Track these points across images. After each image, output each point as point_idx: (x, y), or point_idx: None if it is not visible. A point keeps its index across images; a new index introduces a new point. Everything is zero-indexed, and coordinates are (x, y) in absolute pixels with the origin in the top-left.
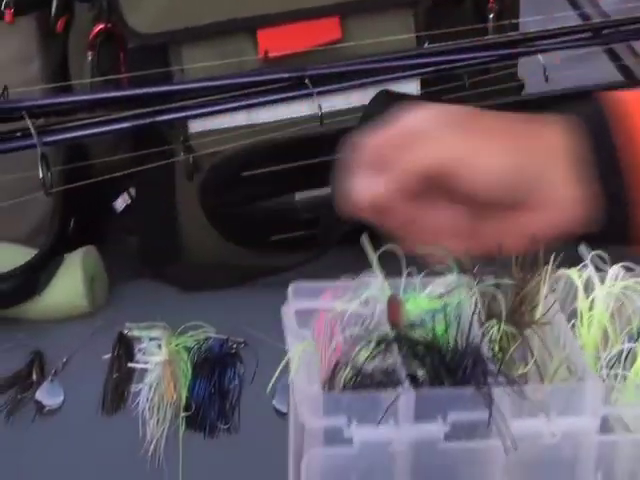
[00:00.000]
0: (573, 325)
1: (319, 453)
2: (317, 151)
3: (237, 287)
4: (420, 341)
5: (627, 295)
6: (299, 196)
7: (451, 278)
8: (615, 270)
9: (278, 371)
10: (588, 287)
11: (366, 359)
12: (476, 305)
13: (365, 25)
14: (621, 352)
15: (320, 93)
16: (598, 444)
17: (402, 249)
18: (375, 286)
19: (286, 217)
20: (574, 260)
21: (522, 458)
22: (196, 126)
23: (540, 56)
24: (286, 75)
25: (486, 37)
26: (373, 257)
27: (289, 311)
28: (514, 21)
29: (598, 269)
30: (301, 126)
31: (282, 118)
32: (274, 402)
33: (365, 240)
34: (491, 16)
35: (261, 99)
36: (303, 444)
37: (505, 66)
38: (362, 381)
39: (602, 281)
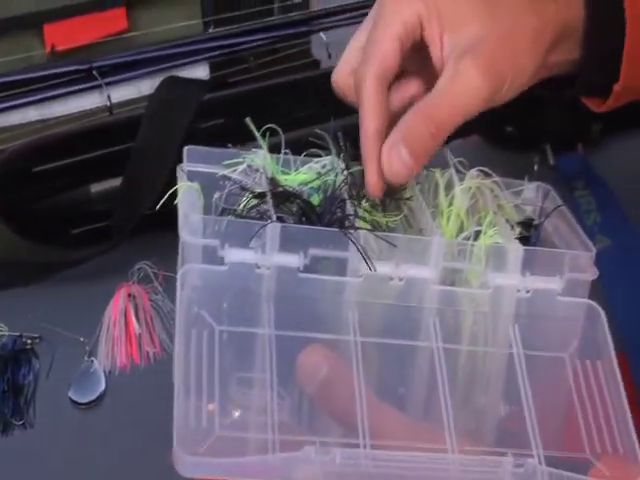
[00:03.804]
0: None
1: (194, 267)
2: (109, 141)
3: (34, 284)
4: (293, 193)
5: (482, 191)
6: (95, 188)
7: (328, 159)
8: (473, 173)
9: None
10: (449, 187)
11: (244, 205)
12: (348, 177)
13: (152, 14)
14: (470, 235)
15: (109, 84)
16: (437, 293)
17: None
18: (260, 156)
19: (81, 210)
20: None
21: (371, 298)
22: None
23: (322, 34)
24: (72, 68)
25: (269, 18)
26: (257, 134)
27: (182, 169)
28: (297, 1)
29: (459, 171)
30: (94, 117)
31: (74, 111)
32: (70, 394)
33: (249, 121)
34: None
35: (50, 93)
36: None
37: (296, 45)
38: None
39: (461, 181)
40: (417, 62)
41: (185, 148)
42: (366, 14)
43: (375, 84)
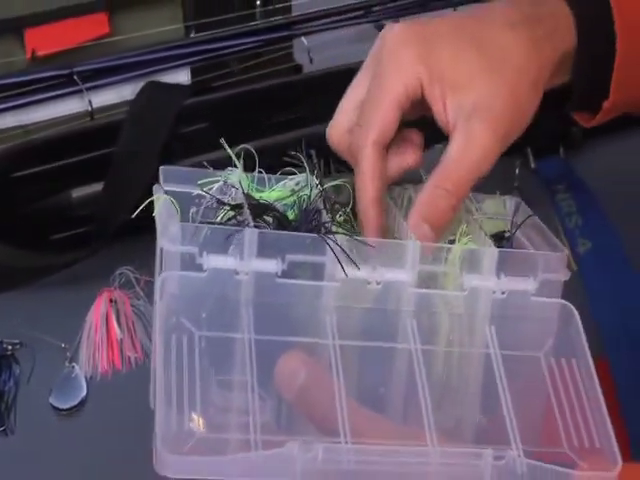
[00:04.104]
0: None
1: (173, 274)
2: (90, 146)
3: (15, 289)
4: (269, 205)
5: None
6: (76, 193)
7: (302, 177)
8: None
9: None
10: None
11: (222, 217)
12: (322, 192)
13: (133, 18)
14: (442, 248)
15: (90, 88)
16: (414, 295)
17: None
18: (235, 175)
19: (62, 215)
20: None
21: (349, 302)
22: None
23: (304, 39)
24: (53, 73)
25: (251, 23)
26: (232, 153)
27: (159, 189)
28: (280, 5)
29: None
30: (75, 122)
31: (55, 116)
32: (51, 399)
33: (223, 141)
34: (258, 2)
35: (31, 98)
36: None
37: (278, 49)
38: None
39: None
40: (414, 112)
41: (161, 168)
42: (347, 19)
43: (373, 151)
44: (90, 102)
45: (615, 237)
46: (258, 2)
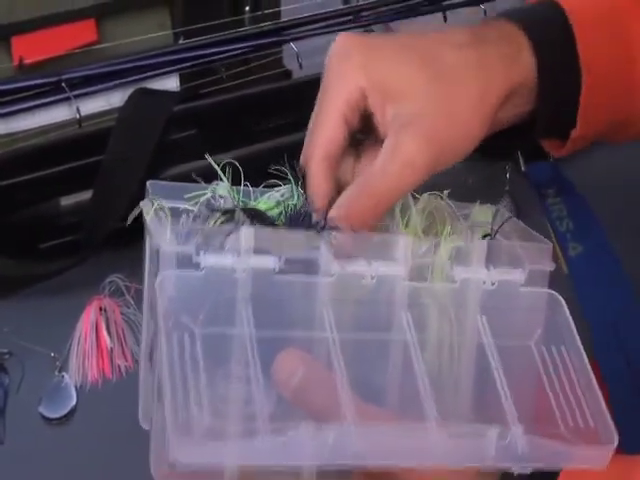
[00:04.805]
0: None
1: (172, 273)
2: (78, 154)
3: (4, 298)
4: (259, 212)
5: (437, 209)
6: (64, 201)
7: (286, 188)
8: (425, 196)
9: None
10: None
11: (214, 223)
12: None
13: (122, 25)
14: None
15: (78, 96)
16: (408, 289)
17: None
18: (222, 188)
19: (50, 223)
20: None
21: (345, 296)
22: None
23: (293, 44)
24: (41, 81)
25: (240, 29)
26: (217, 168)
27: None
28: (269, 11)
29: (414, 197)
30: (63, 130)
31: (43, 124)
32: (40, 409)
33: (208, 156)
34: (247, 8)
35: (18, 107)
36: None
37: (267, 55)
38: None
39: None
40: (368, 125)
41: (148, 183)
42: (336, 24)
43: (320, 167)
44: (78, 109)
45: (606, 240)
46: (247, 8)
